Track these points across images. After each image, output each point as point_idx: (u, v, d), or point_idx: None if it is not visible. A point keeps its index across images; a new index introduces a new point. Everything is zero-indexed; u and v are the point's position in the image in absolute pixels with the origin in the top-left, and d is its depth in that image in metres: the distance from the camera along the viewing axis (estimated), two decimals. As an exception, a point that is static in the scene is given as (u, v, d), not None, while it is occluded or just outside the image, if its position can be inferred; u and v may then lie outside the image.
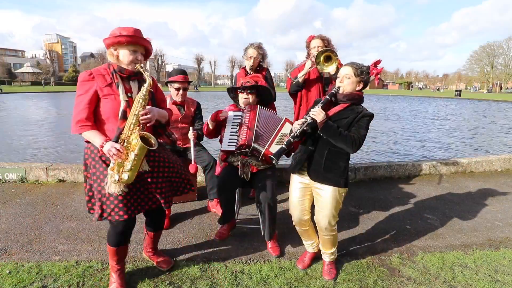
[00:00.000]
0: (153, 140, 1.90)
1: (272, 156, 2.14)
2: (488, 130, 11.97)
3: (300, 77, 3.27)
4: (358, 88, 2.11)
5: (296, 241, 2.78)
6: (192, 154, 2.86)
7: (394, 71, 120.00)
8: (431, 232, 3.06)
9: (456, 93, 43.76)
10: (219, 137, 2.84)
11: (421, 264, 2.51)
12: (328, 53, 2.94)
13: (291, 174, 2.35)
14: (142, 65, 1.97)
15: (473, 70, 70.16)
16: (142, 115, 1.87)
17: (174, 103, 3.31)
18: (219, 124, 2.79)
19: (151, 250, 2.43)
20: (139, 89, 1.94)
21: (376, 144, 8.72)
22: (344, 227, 3.11)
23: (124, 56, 1.92)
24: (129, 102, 1.90)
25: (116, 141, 1.85)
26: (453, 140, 9.65)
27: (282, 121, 2.64)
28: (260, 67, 3.59)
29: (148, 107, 1.91)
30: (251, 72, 3.52)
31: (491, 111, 21.22)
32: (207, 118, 3.47)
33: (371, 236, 2.95)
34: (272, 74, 3.71)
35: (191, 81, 3.38)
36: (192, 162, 2.79)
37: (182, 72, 3.30)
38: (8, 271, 2.27)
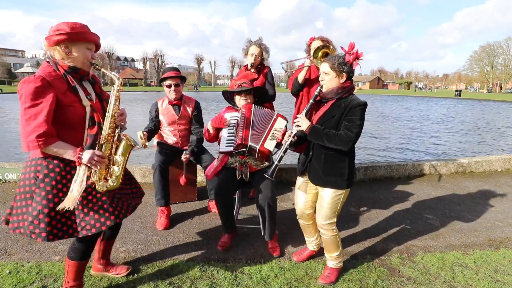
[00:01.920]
0: (131, 140, 1.85)
1: (267, 175, 2.13)
2: (488, 130, 11.96)
3: (300, 77, 3.27)
4: (342, 81, 2.04)
5: (296, 241, 2.78)
6: (184, 169, 3.21)
7: (394, 71, 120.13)
8: (431, 232, 3.06)
9: (456, 93, 43.79)
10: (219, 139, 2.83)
11: (421, 264, 2.51)
12: (325, 49, 2.93)
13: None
14: (98, 65, 1.84)
15: (473, 70, 70.23)
16: (119, 116, 1.80)
17: (170, 103, 3.24)
18: (220, 129, 2.78)
19: (104, 261, 2.24)
20: (94, 90, 1.84)
21: (379, 144, 8.72)
22: (344, 227, 3.11)
23: (81, 54, 1.71)
24: (93, 107, 1.76)
25: (93, 148, 1.73)
26: (453, 140, 9.65)
27: (274, 116, 2.63)
28: (262, 65, 3.56)
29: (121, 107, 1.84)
30: (252, 70, 3.51)
31: (493, 111, 21.21)
32: (208, 118, 3.47)
33: (371, 236, 2.95)
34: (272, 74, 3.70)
35: (184, 77, 3.27)
36: (183, 177, 3.17)
37: (174, 68, 3.25)
38: (8, 271, 2.27)
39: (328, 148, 2.05)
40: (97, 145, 1.75)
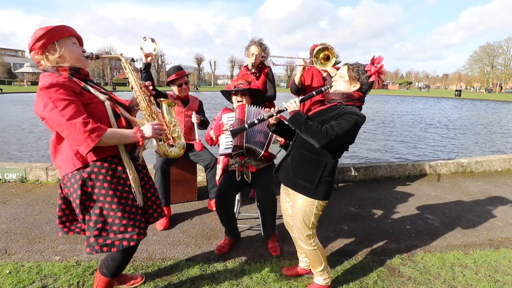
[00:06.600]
0: (168, 100, 1.87)
1: (229, 130, 2.24)
2: (487, 130, 11.96)
3: (296, 79, 3.40)
4: (353, 88, 1.91)
5: (296, 241, 2.78)
6: (196, 133, 3.17)
7: (394, 71, 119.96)
8: (431, 232, 3.06)
9: (456, 93, 43.79)
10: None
11: (421, 264, 2.51)
12: (327, 52, 2.94)
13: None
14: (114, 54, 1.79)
15: (473, 70, 70.20)
16: (145, 87, 1.80)
17: (178, 97, 3.34)
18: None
19: None
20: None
21: (378, 144, 8.73)
22: (344, 227, 3.12)
23: (73, 50, 1.62)
24: (112, 98, 1.72)
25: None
26: (453, 140, 9.65)
27: None
28: (262, 64, 3.60)
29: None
30: (254, 70, 3.54)
31: (493, 111, 21.21)
32: (209, 117, 3.48)
33: (371, 236, 2.95)
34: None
35: (188, 74, 3.40)
36: (197, 141, 3.06)
37: (178, 68, 3.32)
38: (8, 271, 2.27)
39: (305, 147, 1.92)
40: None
